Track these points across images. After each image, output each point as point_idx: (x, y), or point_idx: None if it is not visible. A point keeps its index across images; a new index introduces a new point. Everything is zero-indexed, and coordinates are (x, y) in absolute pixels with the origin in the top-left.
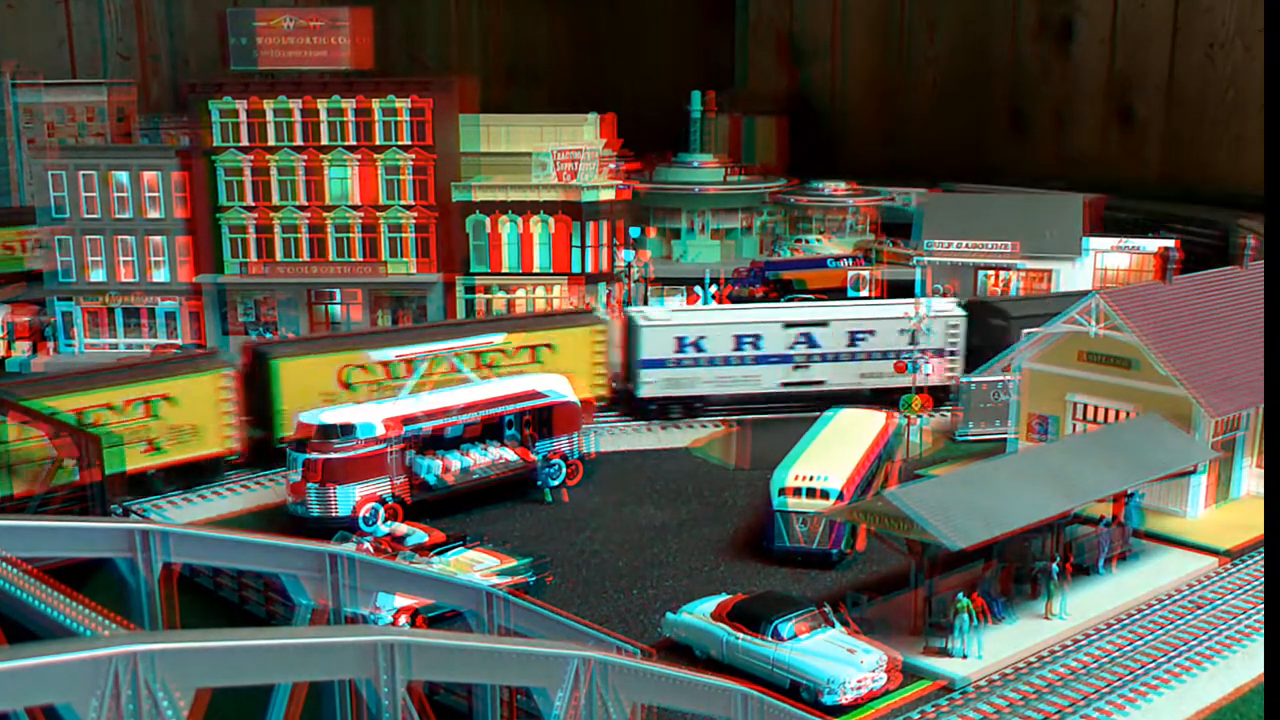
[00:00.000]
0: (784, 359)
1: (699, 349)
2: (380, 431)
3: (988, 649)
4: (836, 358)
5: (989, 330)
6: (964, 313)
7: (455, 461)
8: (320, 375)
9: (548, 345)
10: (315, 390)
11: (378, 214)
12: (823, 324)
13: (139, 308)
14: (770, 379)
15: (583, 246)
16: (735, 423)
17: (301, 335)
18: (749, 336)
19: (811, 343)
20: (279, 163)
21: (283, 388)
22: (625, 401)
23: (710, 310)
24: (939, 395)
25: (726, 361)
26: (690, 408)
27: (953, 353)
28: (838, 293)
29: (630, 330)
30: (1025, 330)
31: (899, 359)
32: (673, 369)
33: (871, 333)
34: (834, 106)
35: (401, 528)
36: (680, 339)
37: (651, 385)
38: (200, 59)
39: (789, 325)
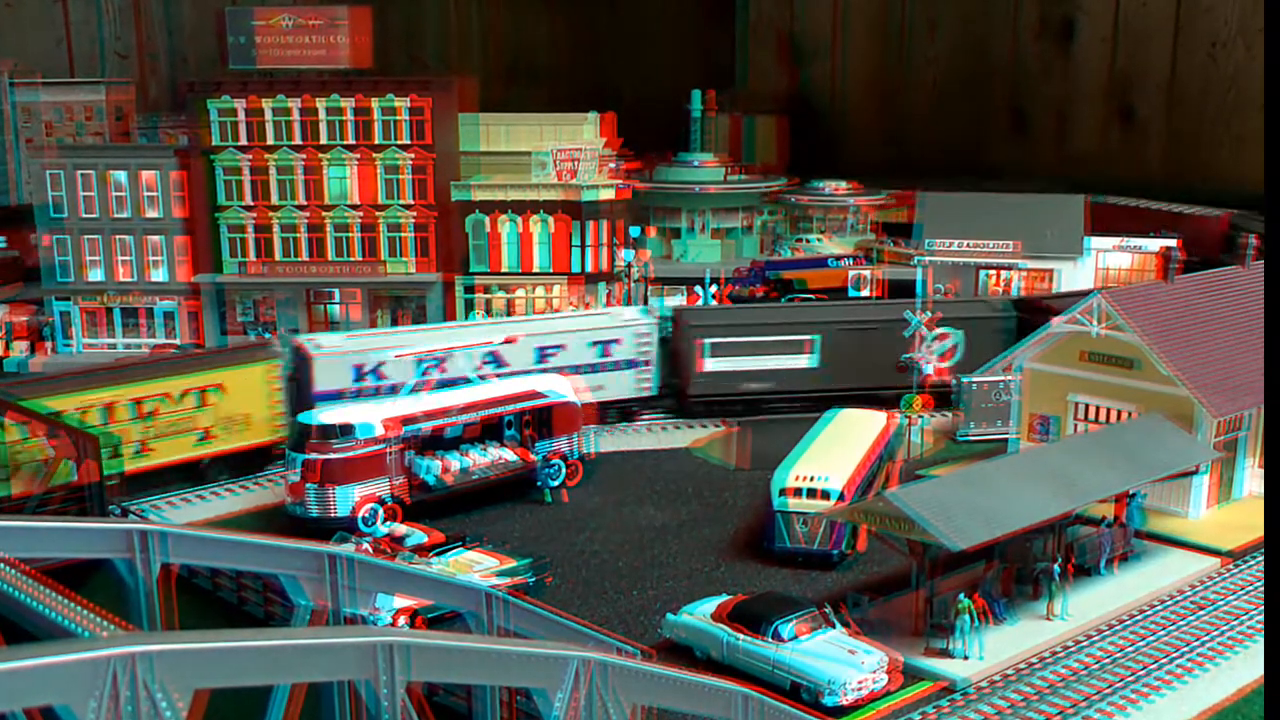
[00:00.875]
0: (472, 382)
1: (379, 377)
2: (379, 432)
3: (989, 650)
4: (527, 376)
5: (683, 338)
6: (653, 321)
7: (455, 462)
8: None
9: (217, 386)
10: None
11: (377, 213)
12: (510, 342)
13: (137, 307)
14: None
15: (582, 246)
16: (735, 423)
17: None
18: (433, 360)
19: (499, 362)
20: (277, 162)
21: None
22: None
23: (388, 334)
24: (631, 410)
25: (410, 389)
26: None
27: (645, 363)
28: (839, 292)
29: (300, 361)
30: (711, 340)
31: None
32: (353, 401)
33: (562, 347)
34: (834, 106)
35: (401, 528)
36: (358, 367)
37: None
38: (199, 58)
39: (475, 346)
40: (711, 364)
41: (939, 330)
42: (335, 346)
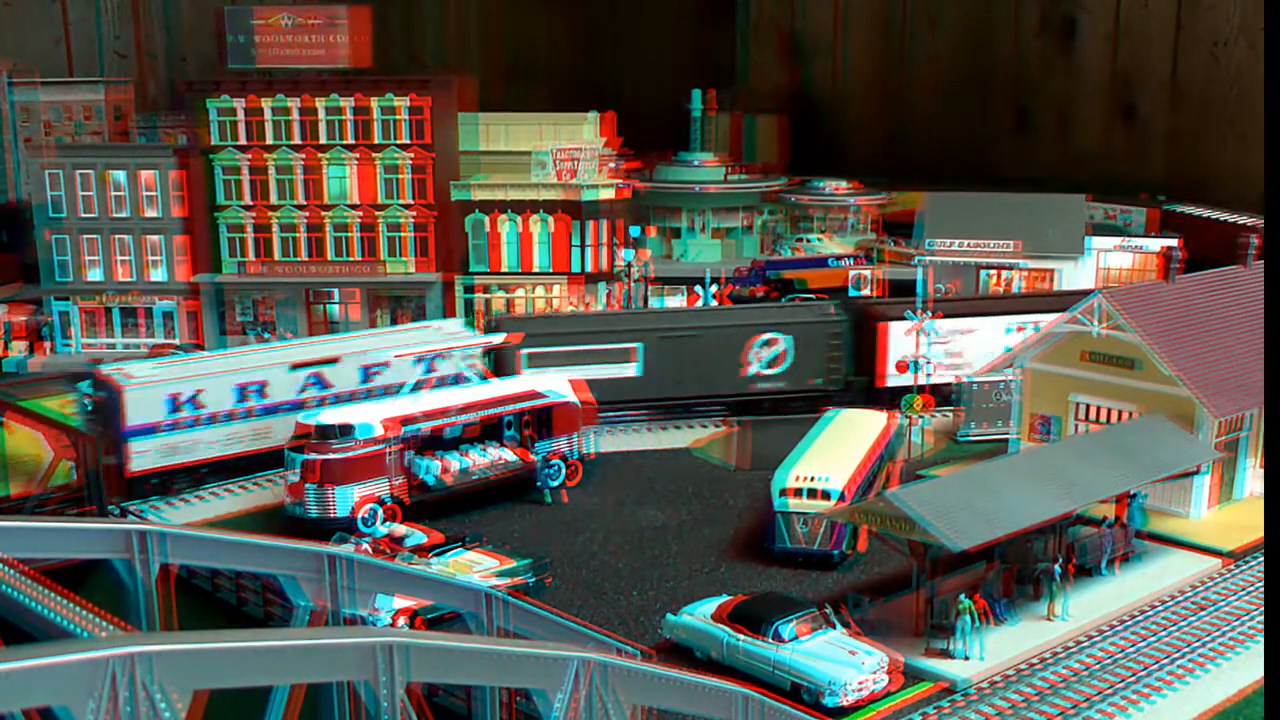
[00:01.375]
0: (295, 406)
1: (197, 406)
2: (379, 432)
3: (990, 650)
4: (352, 397)
5: (500, 352)
6: (477, 334)
7: (454, 462)
8: None
9: None
10: None
11: (376, 213)
12: (333, 362)
13: (136, 307)
14: (284, 430)
15: (582, 246)
16: (735, 423)
17: None
18: (254, 385)
19: (323, 384)
20: (277, 161)
21: None
22: (112, 482)
23: (203, 359)
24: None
25: (231, 417)
26: (196, 478)
27: (469, 380)
28: (839, 292)
29: (108, 393)
30: (528, 351)
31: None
32: (169, 434)
33: (387, 365)
34: (835, 105)
35: (400, 529)
36: (173, 397)
37: (144, 457)
38: (198, 57)
39: (296, 367)
40: (531, 376)
41: (767, 336)
42: (147, 376)
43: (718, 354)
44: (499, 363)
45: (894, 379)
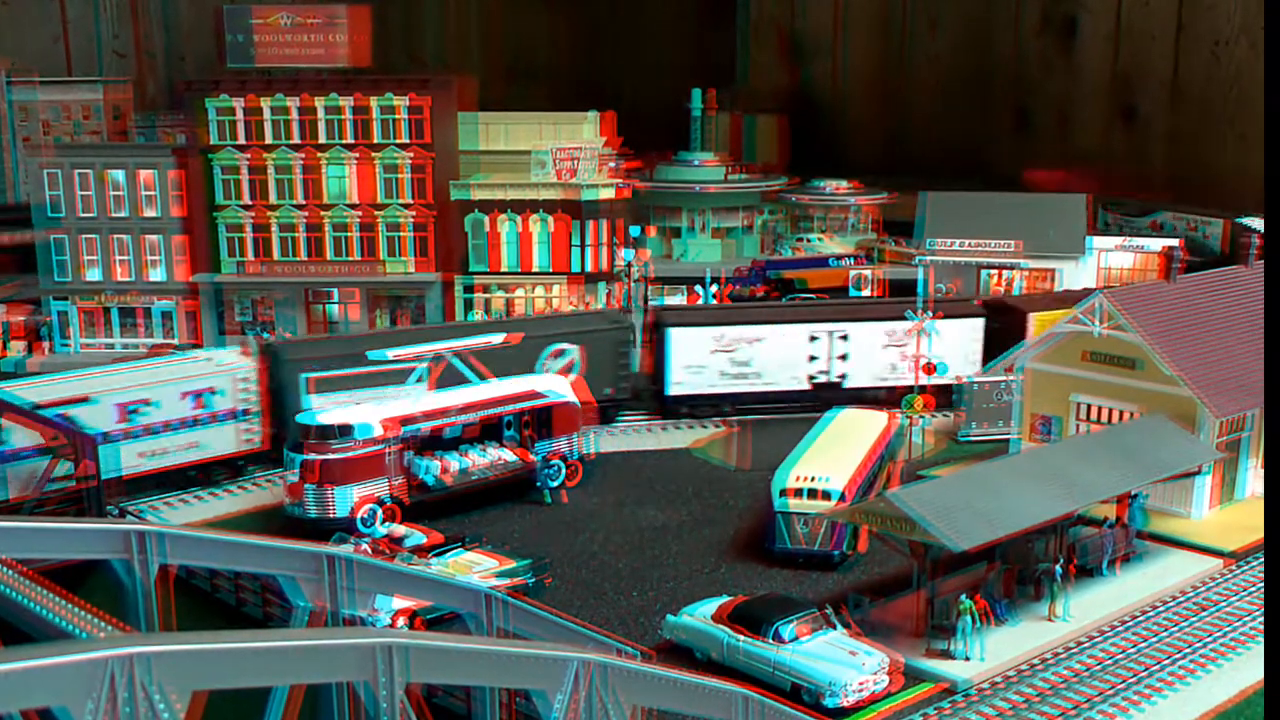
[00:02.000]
0: (42, 452)
1: None
2: (378, 432)
3: (990, 651)
4: (106, 439)
5: (281, 374)
6: (252, 365)
7: (454, 462)
8: None
9: None
10: None
11: (376, 213)
12: (83, 401)
13: (135, 307)
14: (18, 480)
15: (582, 246)
16: (735, 423)
17: None
18: None
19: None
20: (276, 161)
21: None
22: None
23: None
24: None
25: None
26: None
27: (246, 412)
28: (840, 292)
29: None
30: (311, 375)
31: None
32: None
33: (147, 402)
34: (835, 104)
35: (400, 529)
36: None
37: None
38: (197, 56)
39: (40, 409)
40: (317, 403)
41: (555, 345)
42: None
43: (509, 367)
44: (279, 388)
45: (682, 387)
